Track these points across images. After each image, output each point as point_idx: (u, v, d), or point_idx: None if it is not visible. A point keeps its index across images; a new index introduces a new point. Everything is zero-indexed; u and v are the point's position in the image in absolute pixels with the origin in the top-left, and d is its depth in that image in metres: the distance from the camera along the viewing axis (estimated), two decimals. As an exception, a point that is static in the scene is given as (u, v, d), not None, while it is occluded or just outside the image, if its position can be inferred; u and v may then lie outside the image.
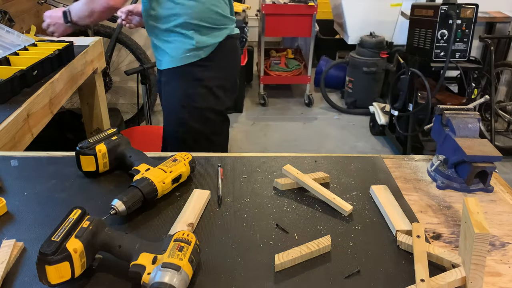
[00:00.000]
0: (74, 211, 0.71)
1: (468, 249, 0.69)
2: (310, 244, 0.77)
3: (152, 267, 0.66)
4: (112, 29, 3.18)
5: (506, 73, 3.55)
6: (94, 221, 0.71)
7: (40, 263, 0.64)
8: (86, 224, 0.69)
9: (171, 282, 0.63)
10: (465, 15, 2.57)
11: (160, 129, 2.47)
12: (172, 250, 0.67)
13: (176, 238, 0.69)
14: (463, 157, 0.92)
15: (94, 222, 0.70)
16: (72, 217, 0.70)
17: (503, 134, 3.47)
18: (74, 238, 0.66)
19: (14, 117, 1.32)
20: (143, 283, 0.65)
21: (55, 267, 0.64)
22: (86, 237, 0.67)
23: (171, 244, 0.69)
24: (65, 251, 0.64)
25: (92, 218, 0.71)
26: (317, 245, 0.76)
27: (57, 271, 0.64)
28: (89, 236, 0.68)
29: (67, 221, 0.69)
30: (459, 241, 0.77)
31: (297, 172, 0.95)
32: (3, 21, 2.21)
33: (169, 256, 0.66)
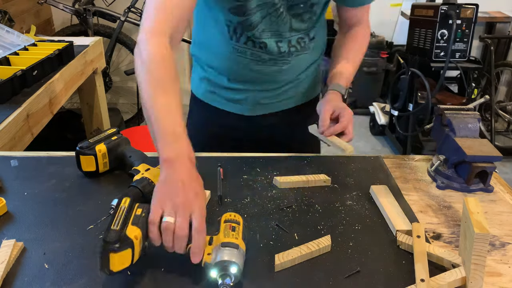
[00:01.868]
0: (124, 199, 0.72)
1: (468, 249, 0.69)
2: (310, 244, 0.77)
3: (210, 248, 0.69)
4: (112, 29, 3.18)
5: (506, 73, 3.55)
6: (146, 208, 0.72)
7: (104, 252, 0.64)
8: (139, 211, 0.71)
9: (233, 259, 0.66)
10: (465, 15, 2.57)
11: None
12: (226, 231, 0.71)
13: (226, 220, 0.73)
14: (463, 157, 0.92)
15: (146, 209, 0.71)
16: (123, 205, 0.71)
17: (503, 134, 3.47)
18: (131, 225, 0.68)
19: (14, 117, 1.32)
20: (205, 263, 0.68)
21: (119, 254, 0.65)
22: (142, 223, 0.69)
23: (223, 225, 0.72)
24: (127, 238, 0.66)
25: (143, 205, 0.72)
26: (317, 245, 0.77)
27: (120, 258, 0.65)
28: (144, 222, 0.69)
29: (120, 209, 0.70)
30: (459, 241, 0.77)
31: None
32: (3, 21, 2.21)
33: (225, 236, 0.70)
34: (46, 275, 0.71)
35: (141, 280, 0.70)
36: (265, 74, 1.12)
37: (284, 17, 1.04)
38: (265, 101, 1.19)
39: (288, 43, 1.08)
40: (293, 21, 1.06)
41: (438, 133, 1.04)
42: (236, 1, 0.99)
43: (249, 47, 1.07)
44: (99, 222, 0.81)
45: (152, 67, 0.82)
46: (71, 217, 0.85)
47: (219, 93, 1.20)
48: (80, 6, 3.05)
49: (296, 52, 1.11)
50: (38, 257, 0.75)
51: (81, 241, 0.79)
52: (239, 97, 1.18)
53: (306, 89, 1.24)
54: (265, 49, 1.07)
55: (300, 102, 1.25)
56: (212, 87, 1.20)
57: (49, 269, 0.72)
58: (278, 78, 1.15)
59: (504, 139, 3.41)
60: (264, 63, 1.10)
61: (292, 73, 1.16)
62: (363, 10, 1.17)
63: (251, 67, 1.10)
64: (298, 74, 1.18)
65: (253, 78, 1.13)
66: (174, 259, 0.73)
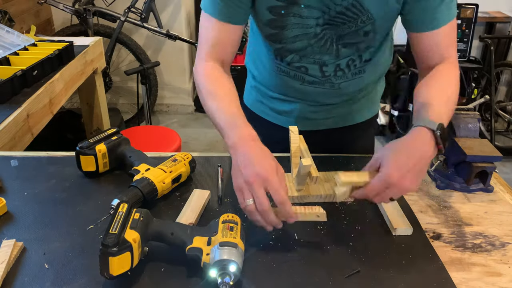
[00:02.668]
0: (121, 205, 0.73)
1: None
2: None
3: (209, 248, 0.70)
4: (112, 29, 3.18)
5: (506, 73, 3.55)
6: (143, 212, 0.73)
7: (103, 256, 0.65)
8: (137, 216, 0.72)
9: (232, 258, 0.67)
10: (465, 15, 2.57)
11: (160, 129, 2.47)
12: (224, 231, 0.71)
13: (223, 220, 0.73)
14: (463, 157, 0.92)
15: (144, 214, 0.72)
16: (121, 211, 0.72)
17: (503, 134, 3.47)
18: (129, 229, 0.68)
19: (14, 117, 1.32)
20: (204, 264, 0.69)
21: (118, 258, 0.65)
22: (140, 227, 0.70)
23: (221, 225, 0.72)
24: (126, 241, 0.66)
25: (140, 210, 0.73)
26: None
27: (120, 262, 0.66)
28: (142, 226, 0.70)
29: (118, 215, 0.71)
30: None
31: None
32: (3, 21, 2.21)
33: (223, 236, 0.70)
34: (46, 275, 0.71)
35: (141, 280, 0.70)
36: (309, 93, 1.08)
37: (329, 46, 0.97)
38: (312, 116, 1.14)
39: (336, 67, 1.02)
40: (343, 50, 0.98)
41: (438, 133, 1.04)
42: (271, 29, 0.97)
43: (292, 68, 1.05)
44: (99, 222, 0.81)
45: (202, 85, 0.93)
46: (71, 217, 0.85)
47: (266, 103, 1.19)
48: (80, 6, 3.05)
49: (344, 77, 1.04)
50: (38, 257, 0.75)
51: (81, 241, 0.79)
52: (286, 109, 1.15)
53: (360, 110, 1.17)
54: (307, 73, 1.03)
55: (352, 122, 1.18)
56: (260, 96, 1.19)
57: (49, 269, 0.72)
58: (325, 100, 1.11)
59: (504, 139, 3.42)
60: (309, 84, 1.06)
61: (341, 95, 1.10)
62: (441, 36, 0.91)
63: (294, 86, 1.08)
64: (350, 98, 1.11)
65: (298, 95, 1.11)
66: (174, 259, 0.74)
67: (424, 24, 0.91)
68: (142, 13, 3.12)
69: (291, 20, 0.93)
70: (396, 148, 0.77)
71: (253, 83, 1.21)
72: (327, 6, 0.90)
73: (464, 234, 0.84)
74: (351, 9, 0.90)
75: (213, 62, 0.95)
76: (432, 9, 0.88)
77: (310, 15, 0.92)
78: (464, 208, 0.92)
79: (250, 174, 0.73)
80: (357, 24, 0.93)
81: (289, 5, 0.91)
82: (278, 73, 1.08)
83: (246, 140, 0.79)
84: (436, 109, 0.81)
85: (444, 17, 0.90)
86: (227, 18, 0.92)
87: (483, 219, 0.88)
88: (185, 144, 3.21)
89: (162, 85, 3.67)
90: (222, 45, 0.95)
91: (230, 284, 0.66)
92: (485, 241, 0.82)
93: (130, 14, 3.09)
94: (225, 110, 0.87)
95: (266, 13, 0.94)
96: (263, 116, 1.21)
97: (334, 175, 0.81)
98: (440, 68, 0.92)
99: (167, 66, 3.58)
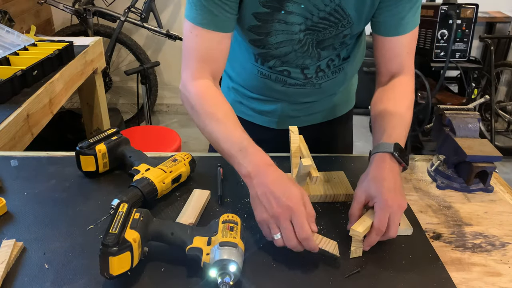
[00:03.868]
0: (121, 205, 0.73)
1: None
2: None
3: (209, 248, 0.70)
4: (112, 29, 3.18)
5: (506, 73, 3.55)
6: (143, 212, 0.73)
7: (103, 255, 0.65)
8: (137, 215, 0.71)
9: (232, 258, 0.66)
10: (465, 15, 2.57)
11: (160, 129, 2.47)
12: (224, 231, 0.71)
13: (223, 220, 0.73)
14: (463, 157, 0.92)
15: (144, 213, 0.72)
16: (121, 211, 0.71)
17: (503, 134, 3.47)
18: (129, 229, 0.68)
19: (14, 117, 1.32)
20: (204, 263, 0.68)
21: (118, 257, 0.65)
22: (141, 227, 0.70)
23: (221, 225, 0.72)
24: (126, 241, 0.66)
25: (140, 210, 0.73)
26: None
27: (120, 262, 0.65)
28: (142, 226, 0.70)
29: (118, 214, 0.70)
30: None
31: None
32: (3, 21, 2.21)
33: (223, 236, 0.70)
34: (46, 275, 0.71)
35: (141, 280, 0.70)
36: (291, 94, 1.08)
37: (312, 51, 0.98)
38: (294, 114, 1.15)
39: (316, 68, 1.03)
40: (322, 53, 1.00)
41: (438, 133, 1.04)
42: (256, 34, 0.95)
43: (273, 71, 1.04)
44: (99, 222, 0.81)
45: (199, 106, 0.88)
46: (71, 217, 0.85)
47: (246, 103, 1.17)
48: (80, 6, 3.05)
49: (325, 77, 1.05)
50: (38, 257, 0.75)
51: (81, 241, 0.79)
52: (267, 109, 1.15)
53: (339, 104, 1.19)
54: (289, 76, 1.03)
55: (332, 117, 1.20)
56: (239, 97, 1.17)
57: (49, 269, 0.72)
58: (307, 99, 1.11)
59: (504, 139, 3.42)
60: (290, 86, 1.06)
61: (322, 94, 1.11)
62: (404, 43, 0.95)
63: (276, 88, 1.07)
64: (330, 93, 1.13)
65: (279, 96, 1.11)
66: (174, 259, 0.74)
67: (390, 29, 0.94)
68: (142, 13, 3.12)
69: (275, 26, 0.93)
70: (374, 177, 0.79)
71: (230, 84, 1.19)
72: (311, 12, 0.91)
73: (464, 234, 0.84)
74: (333, 14, 0.91)
75: (205, 79, 0.90)
76: (401, 16, 0.91)
77: (294, 21, 0.92)
78: (464, 208, 0.92)
79: (275, 208, 0.71)
80: (337, 28, 0.94)
81: (274, 11, 0.90)
82: (259, 76, 1.07)
83: (261, 168, 0.77)
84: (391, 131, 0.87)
85: (410, 24, 0.93)
86: (216, 27, 0.88)
87: (483, 219, 0.88)
88: (185, 144, 3.21)
89: (162, 85, 3.67)
90: (212, 57, 0.90)
91: (230, 284, 0.66)
92: (485, 241, 0.82)
93: (130, 14, 3.09)
94: (231, 136, 0.83)
95: (251, 18, 0.92)
96: (244, 117, 1.18)
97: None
98: (396, 82, 0.97)
99: (167, 66, 3.58)
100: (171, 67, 3.63)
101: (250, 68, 1.07)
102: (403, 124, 0.90)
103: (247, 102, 1.17)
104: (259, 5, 0.89)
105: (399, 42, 0.95)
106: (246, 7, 0.90)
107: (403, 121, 0.91)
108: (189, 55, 0.91)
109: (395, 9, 0.91)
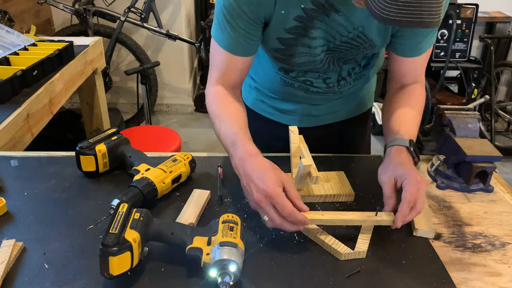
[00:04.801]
0: (121, 205, 0.73)
1: None
2: None
3: (209, 248, 0.70)
4: (112, 29, 3.18)
5: (506, 73, 3.55)
6: (143, 212, 0.73)
7: (103, 255, 0.65)
8: (137, 215, 0.71)
9: (232, 258, 0.67)
10: (465, 15, 2.58)
11: (160, 129, 2.47)
12: (224, 231, 0.71)
13: (223, 220, 0.73)
14: (463, 157, 0.92)
15: (144, 213, 0.72)
16: (121, 211, 0.71)
17: (503, 134, 3.47)
18: (129, 229, 0.68)
19: (14, 117, 1.32)
20: (204, 263, 0.69)
21: (118, 257, 0.65)
22: (141, 227, 0.70)
23: (221, 225, 0.72)
24: (126, 241, 0.66)
25: (140, 210, 0.73)
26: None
27: (119, 262, 0.66)
28: (142, 226, 0.70)
29: (118, 214, 0.70)
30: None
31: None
32: (3, 21, 2.21)
33: (223, 236, 0.70)
34: (46, 275, 0.71)
35: (141, 280, 0.70)
36: (313, 100, 1.11)
37: (333, 67, 1.01)
38: (315, 113, 1.17)
39: (338, 77, 1.06)
40: (344, 66, 1.03)
41: (438, 133, 1.04)
42: (280, 55, 0.98)
43: (296, 80, 1.07)
44: (99, 222, 0.81)
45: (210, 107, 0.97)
46: (71, 217, 0.85)
47: (268, 102, 1.19)
48: (80, 6, 3.05)
49: (347, 85, 1.08)
50: (38, 257, 0.75)
51: (81, 241, 0.79)
52: (289, 107, 1.16)
53: (359, 103, 1.22)
54: (311, 85, 1.06)
55: (352, 115, 1.23)
56: (261, 96, 1.20)
57: (49, 269, 0.72)
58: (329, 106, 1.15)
59: (504, 139, 3.41)
60: (313, 93, 1.08)
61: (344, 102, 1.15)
62: (419, 63, 1.00)
63: (298, 94, 1.10)
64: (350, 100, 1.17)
65: (301, 100, 1.13)
66: (174, 259, 0.74)
67: (408, 51, 0.98)
68: (142, 13, 3.12)
69: (299, 49, 0.95)
70: (398, 162, 0.86)
71: (252, 84, 1.21)
72: (333, 37, 0.93)
73: (464, 234, 0.84)
74: (356, 39, 0.94)
75: (221, 86, 0.97)
76: (419, 40, 0.95)
77: (317, 45, 0.94)
78: (464, 208, 0.92)
79: (255, 194, 0.76)
80: (359, 49, 0.97)
81: (298, 37, 0.92)
82: (282, 84, 1.10)
83: (246, 158, 0.81)
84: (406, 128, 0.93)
85: (426, 46, 0.97)
86: (237, 52, 0.93)
87: (483, 219, 0.88)
88: (185, 144, 3.21)
89: (162, 85, 3.67)
90: (230, 74, 0.97)
91: (230, 284, 0.66)
92: (485, 241, 0.82)
93: (130, 14, 3.09)
94: (228, 131, 0.89)
95: (275, 42, 0.95)
96: (265, 115, 1.21)
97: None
98: (410, 88, 1.01)
99: (167, 66, 3.58)
100: (171, 67, 3.63)
101: (273, 75, 1.10)
102: (416, 124, 0.96)
103: (268, 101, 1.19)
104: (284, 31, 0.92)
105: (414, 61, 0.99)
106: (271, 31, 0.92)
107: (416, 122, 0.97)
108: (213, 66, 0.98)
109: (414, 36, 0.94)
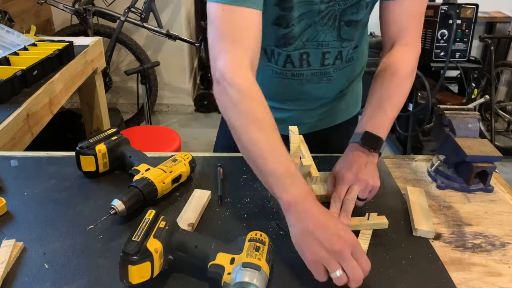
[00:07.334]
0: (148, 211, 0.71)
1: None
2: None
3: (231, 267, 0.66)
4: (112, 29, 3.18)
5: (506, 73, 3.55)
6: (170, 221, 0.70)
7: (123, 263, 0.64)
8: (162, 224, 0.69)
9: (253, 282, 0.63)
10: (465, 15, 2.58)
11: (160, 129, 2.47)
12: (249, 250, 0.67)
13: (250, 238, 0.69)
14: (463, 157, 0.92)
15: (170, 222, 0.70)
16: (148, 218, 0.70)
17: (503, 134, 3.47)
18: (153, 238, 0.67)
19: (14, 117, 1.32)
20: (224, 283, 0.65)
21: (138, 267, 0.64)
22: (164, 237, 0.68)
23: (247, 244, 0.68)
24: (146, 251, 0.65)
25: (167, 219, 0.71)
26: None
27: (139, 271, 0.64)
28: (166, 236, 0.68)
29: (143, 221, 0.69)
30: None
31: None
32: (3, 21, 2.21)
33: (247, 256, 0.66)
34: (46, 275, 0.71)
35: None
36: (306, 92, 1.09)
37: (331, 24, 0.97)
38: (307, 120, 1.16)
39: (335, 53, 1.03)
40: (342, 30, 0.99)
41: (438, 133, 1.04)
42: (281, 10, 0.94)
43: (288, 68, 1.04)
44: (99, 222, 0.81)
45: (245, 107, 0.78)
46: (71, 217, 0.85)
47: None
48: (80, 6, 3.05)
49: (340, 65, 1.06)
50: (38, 257, 0.75)
51: (81, 241, 0.79)
52: (282, 116, 1.14)
53: (347, 107, 1.21)
54: (308, 60, 1.02)
55: (340, 120, 1.22)
56: None
57: (49, 269, 0.72)
58: (320, 95, 1.12)
59: (504, 139, 3.42)
60: (307, 82, 1.06)
61: (334, 89, 1.12)
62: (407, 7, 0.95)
63: (291, 86, 1.07)
64: (341, 90, 1.14)
65: (294, 97, 1.11)
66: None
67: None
68: (142, 13, 3.12)
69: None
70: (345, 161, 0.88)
71: None
72: None
73: (464, 234, 0.84)
74: None
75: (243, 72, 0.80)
76: None
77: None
78: (464, 208, 0.92)
79: (335, 242, 0.66)
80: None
81: None
82: (274, 77, 1.07)
83: (309, 198, 0.72)
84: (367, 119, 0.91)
85: None
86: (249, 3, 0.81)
87: (483, 219, 0.88)
88: (185, 144, 3.21)
89: (162, 85, 3.67)
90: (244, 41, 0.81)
91: None
92: (485, 241, 0.82)
93: (130, 14, 3.09)
94: (278, 154, 0.75)
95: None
96: None
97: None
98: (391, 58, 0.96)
99: (167, 66, 3.58)
100: (171, 67, 3.63)
101: (265, 70, 1.07)
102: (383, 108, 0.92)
103: None
104: None
105: (401, 4, 0.95)
106: None
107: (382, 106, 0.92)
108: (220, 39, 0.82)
109: None
